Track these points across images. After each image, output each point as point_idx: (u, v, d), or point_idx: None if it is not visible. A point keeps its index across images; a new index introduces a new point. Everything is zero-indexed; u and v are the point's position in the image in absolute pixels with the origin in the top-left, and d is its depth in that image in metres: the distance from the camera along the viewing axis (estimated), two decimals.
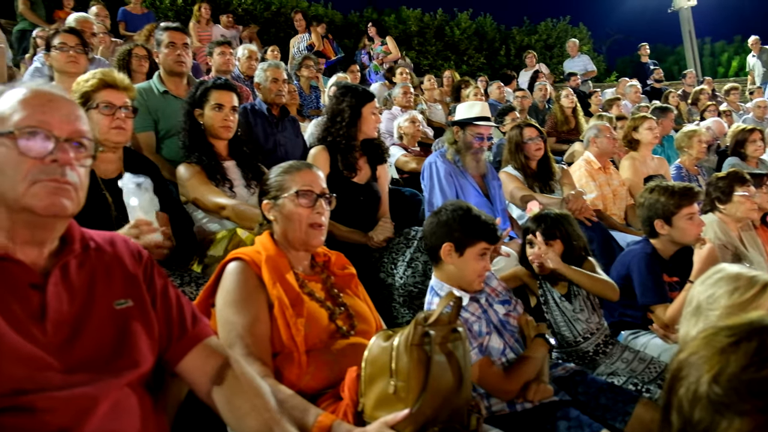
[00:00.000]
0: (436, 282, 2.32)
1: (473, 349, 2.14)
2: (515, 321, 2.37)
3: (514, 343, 2.31)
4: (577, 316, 2.63)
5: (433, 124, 7.11)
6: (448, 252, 2.23)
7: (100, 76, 2.52)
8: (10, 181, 1.19)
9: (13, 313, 1.17)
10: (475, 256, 2.22)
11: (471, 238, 2.21)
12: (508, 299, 2.42)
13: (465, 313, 2.21)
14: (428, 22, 14.71)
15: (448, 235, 2.24)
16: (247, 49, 6.07)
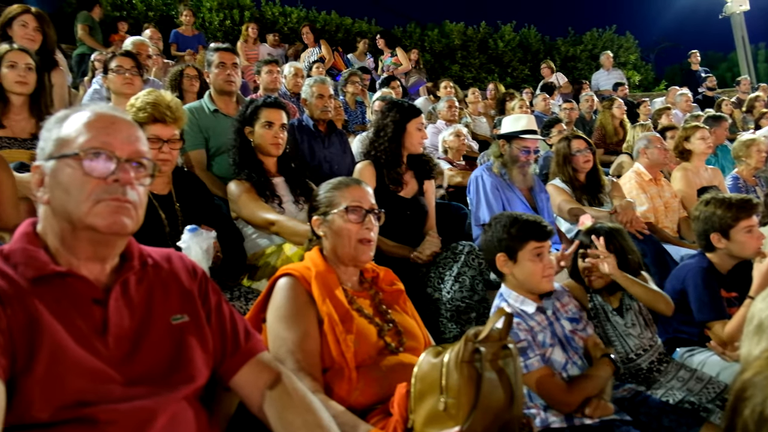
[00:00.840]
0: (505, 290, 2.35)
1: (535, 357, 2.14)
2: (581, 341, 2.35)
3: (578, 360, 2.28)
4: (629, 330, 2.57)
5: (478, 137, 7.08)
6: (503, 262, 2.27)
7: (150, 110, 2.57)
8: (75, 201, 1.24)
9: (77, 328, 1.22)
10: (530, 258, 2.23)
11: (518, 241, 2.23)
12: (578, 318, 2.40)
13: (531, 322, 2.23)
14: (471, 35, 14.69)
15: (498, 246, 2.28)
16: (293, 67, 6.19)
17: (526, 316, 2.27)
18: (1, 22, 3.90)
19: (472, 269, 2.96)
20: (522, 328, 2.21)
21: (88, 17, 8.05)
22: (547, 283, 2.27)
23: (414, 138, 3.39)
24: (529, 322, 2.23)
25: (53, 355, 1.16)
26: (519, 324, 2.22)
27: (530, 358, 2.16)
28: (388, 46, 9.37)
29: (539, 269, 2.23)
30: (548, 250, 2.28)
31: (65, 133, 1.28)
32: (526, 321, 2.25)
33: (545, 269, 2.24)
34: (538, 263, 2.23)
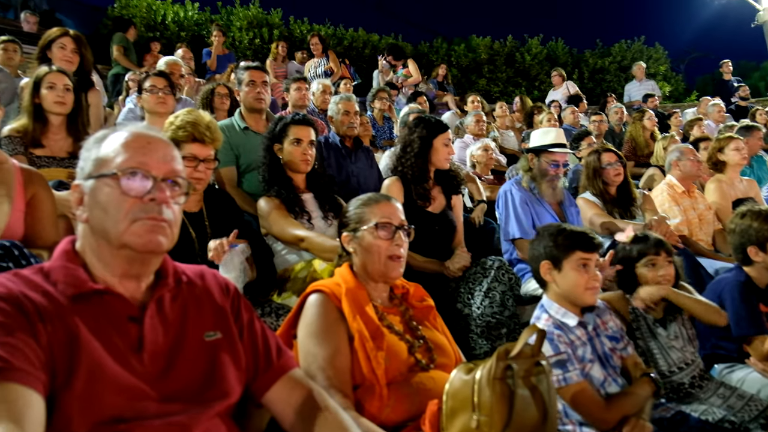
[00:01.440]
0: (546, 301, 2.34)
1: (575, 371, 2.12)
2: (619, 360, 2.32)
3: (617, 377, 2.25)
4: (672, 343, 2.53)
5: (506, 151, 7.05)
6: (547, 270, 2.28)
7: (190, 130, 2.62)
8: (113, 219, 1.27)
9: (114, 345, 1.24)
10: (575, 267, 2.23)
11: (564, 250, 2.24)
12: (618, 337, 2.38)
13: (571, 335, 2.21)
14: (498, 49, 14.70)
15: (543, 254, 2.30)
16: (321, 84, 6.25)
17: (566, 328, 2.25)
18: (41, 44, 4.04)
19: (503, 284, 2.94)
20: (562, 341, 2.20)
21: (123, 38, 8.28)
22: (590, 296, 2.25)
23: (441, 153, 3.40)
24: (569, 335, 2.22)
25: (91, 371, 1.18)
26: (560, 336, 2.21)
27: (569, 372, 2.13)
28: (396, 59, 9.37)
29: (583, 280, 2.22)
30: (595, 262, 2.27)
31: (104, 153, 1.32)
32: (567, 334, 2.23)
33: (590, 281, 2.23)
34: (583, 274, 2.22)
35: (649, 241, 2.65)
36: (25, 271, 1.28)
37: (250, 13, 12.59)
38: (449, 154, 3.45)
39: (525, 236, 3.60)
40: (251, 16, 12.50)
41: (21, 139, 3.08)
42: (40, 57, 4.02)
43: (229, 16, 12.77)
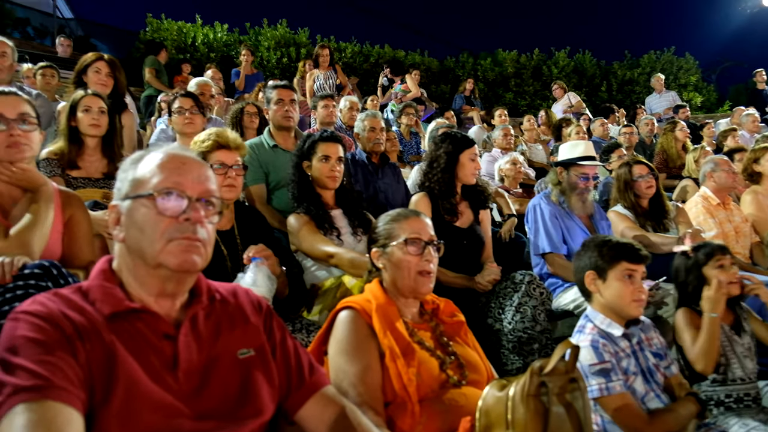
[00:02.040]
0: (591, 311, 2.34)
1: (618, 381, 2.10)
2: (662, 377, 2.28)
3: (660, 393, 2.21)
4: (746, 352, 2.52)
5: (535, 164, 7.01)
6: (592, 280, 2.29)
7: (214, 138, 2.71)
8: (149, 239, 1.30)
9: (150, 363, 1.26)
10: (620, 278, 2.23)
11: (609, 261, 2.24)
12: (662, 354, 2.36)
13: (615, 347, 2.21)
14: (525, 62, 14.68)
15: (588, 264, 2.31)
16: (348, 101, 6.31)
17: (611, 339, 2.24)
18: (77, 69, 4.16)
19: (534, 299, 2.91)
20: (607, 350, 2.19)
21: (155, 61, 8.48)
22: (636, 308, 2.23)
23: (467, 168, 3.40)
24: (614, 346, 2.21)
25: (128, 389, 1.20)
26: (605, 345, 2.20)
27: (612, 381, 2.11)
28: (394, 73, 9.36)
29: (629, 291, 2.21)
30: (641, 274, 2.25)
31: (140, 174, 1.35)
32: (612, 344, 2.22)
33: (635, 292, 2.22)
34: (629, 285, 2.21)
35: (712, 245, 2.70)
36: (64, 290, 1.31)
37: (277, 33, 12.81)
38: (476, 169, 3.44)
39: (555, 250, 3.56)
40: (279, 36, 12.72)
41: (58, 161, 3.16)
42: (76, 81, 4.14)
43: (257, 36, 13.01)
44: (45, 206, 2.18)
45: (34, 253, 2.07)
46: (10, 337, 1.17)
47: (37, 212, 2.14)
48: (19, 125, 2.18)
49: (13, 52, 4.34)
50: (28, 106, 2.25)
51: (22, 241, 2.06)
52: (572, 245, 3.59)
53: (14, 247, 2.03)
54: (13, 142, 2.17)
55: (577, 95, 10.48)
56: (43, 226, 2.14)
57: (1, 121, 2.17)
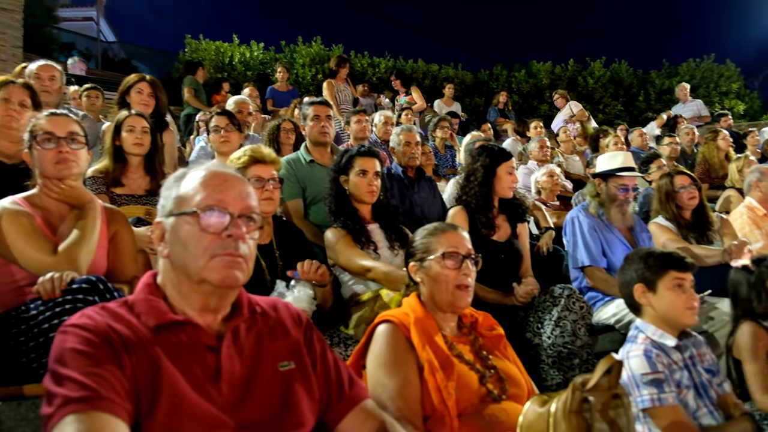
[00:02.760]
0: (642, 323, 2.31)
1: (671, 392, 2.06)
2: (715, 394, 2.23)
3: (714, 410, 2.15)
4: None
5: (572, 176, 6.91)
6: (641, 293, 2.27)
7: (250, 153, 2.77)
8: (193, 255, 1.33)
9: (193, 374, 1.28)
10: (671, 288, 2.21)
11: (657, 272, 2.22)
12: (715, 371, 2.31)
13: (668, 358, 2.18)
14: (559, 73, 14.56)
15: (636, 277, 2.29)
16: (383, 116, 6.35)
17: (664, 350, 2.20)
18: (120, 90, 4.30)
19: (573, 313, 2.86)
20: (660, 361, 2.15)
21: (194, 81, 8.68)
22: (690, 316, 2.20)
23: (504, 182, 3.38)
24: (665, 359, 2.17)
25: (173, 400, 1.22)
26: (658, 355, 2.17)
27: (665, 393, 2.06)
28: (403, 85, 9.33)
29: (682, 301, 2.18)
30: (691, 282, 2.21)
31: (183, 191, 1.38)
32: (665, 355, 2.18)
33: (688, 301, 2.18)
34: (680, 294, 2.18)
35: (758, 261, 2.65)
36: (111, 304, 1.35)
37: (312, 50, 13.00)
38: (513, 182, 3.42)
39: (594, 264, 3.51)
40: (313, 53, 12.91)
41: (103, 179, 3.26)
42: (119, 102, 4.28)
43: (292, 54, 13.22)
44: (92, 223, 2.25)
45: (81, 269, 2.14)
46: (60, 349, 1.21)
47: (84, 228, 2.22)
48: (68, 144, 2.28)
49: (62, 75, 4.50)
50: (76, 125, 2.34)
51: (70, 257, 2.13)
52: (612, 258, 3.53)
53: (63, 262, 2.10)
54: (62, 159, 2.26)
55: (579, 104, 10.31)
56: (90, 242, 2.21)
57: (51, 139, 2.27)
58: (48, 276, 1.98)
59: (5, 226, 2.13)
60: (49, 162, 2.26)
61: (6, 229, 2.13)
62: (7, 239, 2.12)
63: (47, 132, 2.28)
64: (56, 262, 2.10)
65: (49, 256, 2.13)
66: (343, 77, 8.21)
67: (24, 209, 2.21)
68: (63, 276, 1.98)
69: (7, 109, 2.93)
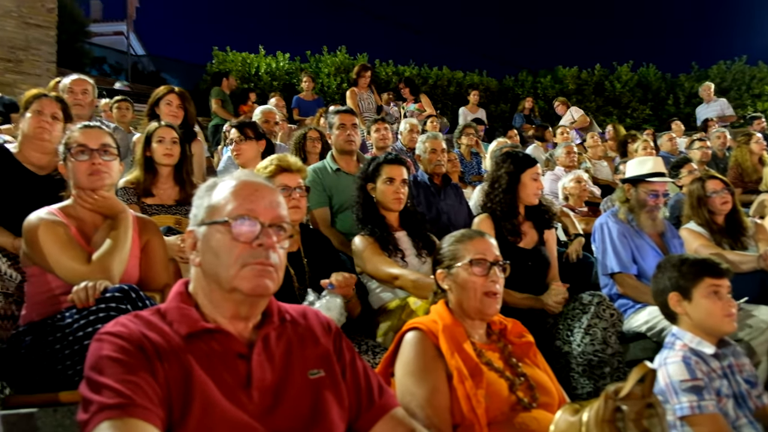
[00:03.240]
0: (679, 331, 2.28)
1: (711, 400, 2.03)
2: (754, 405, 2.17)
3: (753, 421, 2.10)
4: None
5: (599, 182, 6.83)
6: (677, 302, 2.23)
7: (276, 162, 2.81)
8: (224, 264, 1.34)
9: (225, 381, 1.30)
10: (707, 295, 2.17)
11: (692, 279, 2.19)
12: (754, 382, 2.26)
13: (707, 366, 2.14)
14: (586, 78, 14.41)
15: (670, 286, 2.26)
16: (408, 123, 6.36)
17: (703, 357, 2.16)
18: (150, 102, 4.39)
19: (604, 321, 2.82)
20: (699, 368, 2.11)
21: (220, 92, 8.80)
22: (729, 323, 2.16)
23: (529, 189, 3.35)
24: (703, 367, 2.13)
25: (205, 407, 1.24)
26: (697, 363, 2.14)
27: (705, 400, 2.02)
28: (412, 93, 9.27)
29: (719, 308, 2.14)
30: (727, 289, 2.17)
31: (215, 201, 1.40)
32: (703, 363, 2.14)
33: (725, 307, 2.14)
34: (717, 301, 2.14)
35: None
36: (144, 312, 1.37)
37: (337, 59, 13.09)
38: (538, 188, 3.39)
39: (625, 270, 3.45)
40: (338, 62, 12.99)
41: (134, 189, 3.33)
42: (149, 113, 4.37)
43: (317, 63, 13.32)
44: (124, 232, 2.29)
45: (114, 277, 2.18)
46: (95, 357, 1.23)
47: (117, 238, 2.26)
48: (101, 155, 2.34)
49: (94, 89, 4.61)
50: (109, 138, 2.40)
51: (103, 266, 2.18)
52: (643, 265, 3.47)
53: (96, 271, 2.15)
54: (95, 171, 2.32)
55: (580, 110, 10.15)
56: (123, 252, 2.26)
57: (85, 151, 2.33)
58: (82, 285, 2.03)
59: (42, 236, 2.18)
60: (83, 173, 2.32)
61: (42, 239, 2.18)
62: (44, 249, 2.17)
63: (81, 144, 2.33)
64: (90, 271, 2.14)
65: (84, 265, 2.17)
66: (366, 85, 8.23)
67: (59, 219, 2.27)
68: (96, 285, 2.03)
69: (40, 121, 3.01)
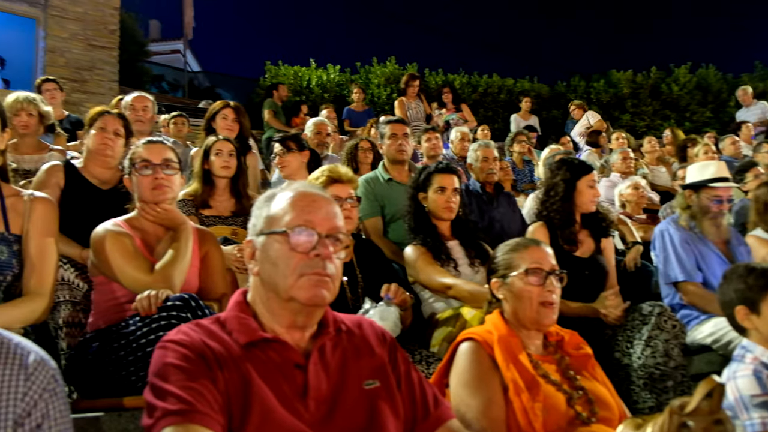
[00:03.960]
0: (748, 343, 2.19)
1: None
2: None
3: None
4: None
5: (658, 188, 6.63)
6: (745, 315, 2.15)
7: (327, 173, 2.85)
8: (282, 274, 1.37)
9: (282, 391, 1.32)
10: None
11: (759, 291, 2.11)
12: None
13: None
14: (641, 82, 14.01)
15: (736, 298, 2.18)
16: (459, 132, 6.33)
17: None
18: (207, 116, 4.53)
19: (665, 332, 2.73)
20: None
21: (272, 103, 8.99)
22: None
23: (585, 196, 3.28)
24: None
25: (263, 416, 1.26)
26: None
27: None
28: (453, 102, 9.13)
29: None
30: None
31: (273, 211, 1.43)
32: None
33: None
34: None
35: None
36: (204, 321, 1.41)
37: (387, 69, 13.18)
38: (595, 196, 3.32)
39: (689, 278, 3.32)
40: (388, 73, 13.07)
41: (192, 201, 3.44)
42: (206, 128, 4.50)
43: (367, 74, 13.45)
44: (185, 244, 2.37)
45: (175, 287, 2.25)
46: (159, 364, 1.27)
47: (178, 249, 2.34)
48: (163, 170, 2.42)
49: (154, 105, 4.79)
50: (171, 152, 2.49)
51: (165, 276, 2.26)
52: (708, 273, 3.33)
53: (159, 281, 2.23)
54: (158, 185, 2.41)
55: (597, 114, 9.78)
56: (184, 262, 2.33)
57: (148, 166, 2.42)
58: (145, 294, 2.10)
59: (108, 247, 2.28)
60: (146, 187, 2.41)
61: (109, 250, 2.28)
62: (109, 259, 2.27)
63: (144, 159, 2.43)
64: (153, 281, 2.22)
65: (147, 274, 2.26)
66: (414, 94, 8.24)
67: (125, 231, 2.36)
68: (159, 294, 2.10)
69: (103, 138, 3.13)
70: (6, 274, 2.14)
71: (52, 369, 1.13)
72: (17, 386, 1.06)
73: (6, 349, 1.08)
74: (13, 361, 1.07)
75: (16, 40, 10.51)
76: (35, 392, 1.07)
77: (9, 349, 1.08)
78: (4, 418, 1.03)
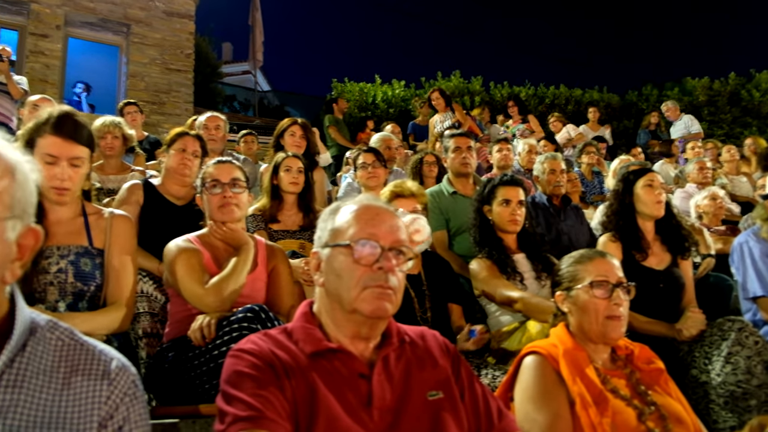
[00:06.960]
0: None
1: None
2: None
3: None
4: None
5: (738, 198, 6.31)
6: None
7: (392, 188, 2.92)
8: (346, 286, 1.41)
9: (347, 400, 1.35)
10: None
11: None
12: None
13: None
14: (719, 89, 13.41)
15: None
16: (527, 144, 6.26)
17: None
18: (276, 133, 4.68)
19: (747, 349, 2.59)
20: None
21: (332, 118, 9.10)
22: None
23: (645, 198, 3.16)
24: None
25: (329, 424, 1.29)
26: None
27: None
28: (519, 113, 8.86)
29: None
30: None
31: (338, 224, 1.48)
32: None
33: None
34: None
35: None
36: (272, 331, 1.47)
37: (451, 83, 13.18)
38: (657, 198, 3.17)
39: None
40: (453, 87, 13.07)
41: (261, 216, 3.55)
42: (275, 144, 4.65)
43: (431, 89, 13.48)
44: (243, 262, 2.44)
45: (225, 301, 2.34)
46: (230, 371, 1.33)
47: (235, 266, 2.42)
48: (231, 188, 2.53)
49: (226, 124, 5.00)
50: (239, 171, 2.60)
51: (217, 290, 2.34)
52: None
53: (210, 294, 2.33)
54: (225, 204, 2.52)
55: (577, 128, 9.24)
56: (238, 279, 2.40)
57: (217, 185, 2.53)
58: (196, 326, 2.19)
59: (175, 261, 2.41)
60: (215, 206, 2.53)
61: (175, 263, 2.40)
62: (176, 272, 2.39)
63: (214, 179, 2.55)
64: (204, 294, 2.33)
65: (201, 287, 2.36)
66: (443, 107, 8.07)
67: (194, 246, 2.48)
68: (210, 324, 2.18)
69: (183, 158, 3.29)
70: (90, 285, 2.29)
71: (133, 375, 1.18)
72: (101, 390, 1.11)
73: (90, 356, 1.14)
74: (97, 366, 1.14)
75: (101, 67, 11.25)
76: (117, 396, 1.13)
77: (93, 355, 1.15)
78: (89, 420, 1.09)
